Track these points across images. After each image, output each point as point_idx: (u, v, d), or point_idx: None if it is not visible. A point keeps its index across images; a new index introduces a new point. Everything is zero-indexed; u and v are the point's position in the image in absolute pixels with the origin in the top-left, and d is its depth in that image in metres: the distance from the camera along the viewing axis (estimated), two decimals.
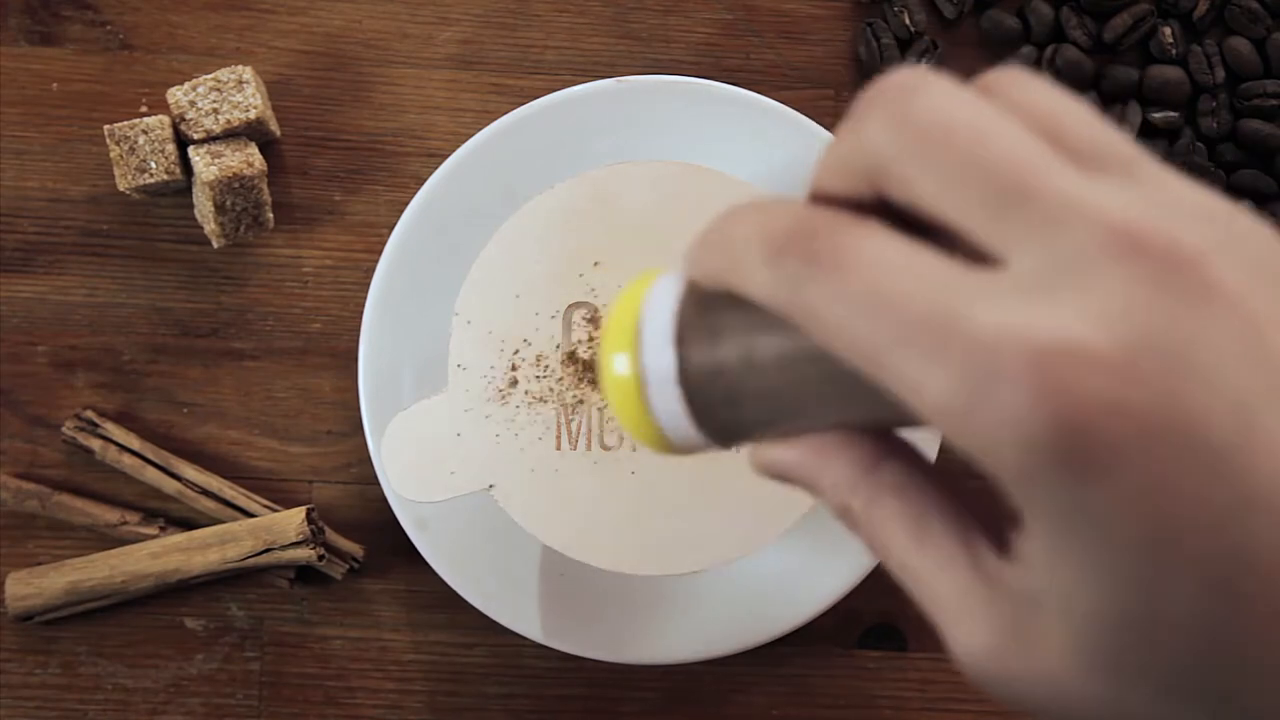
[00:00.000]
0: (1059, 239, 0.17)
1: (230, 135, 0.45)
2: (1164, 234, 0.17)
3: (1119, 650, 0.17)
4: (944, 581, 0.20)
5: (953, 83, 0.19)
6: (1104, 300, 0.17)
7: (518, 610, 0.44)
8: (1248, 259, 0.17)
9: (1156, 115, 0.48)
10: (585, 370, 0.43)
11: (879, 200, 0.20)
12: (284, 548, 0.44)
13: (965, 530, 0.20)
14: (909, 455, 0.21)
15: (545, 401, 0.43)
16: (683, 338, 0.22)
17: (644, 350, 0.22)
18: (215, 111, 0.45)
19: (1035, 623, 0.18)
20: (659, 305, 0.22)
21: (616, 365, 0.23)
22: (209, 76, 0.45)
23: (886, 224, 0.19)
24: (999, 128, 0.18)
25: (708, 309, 0.22)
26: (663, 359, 0.22)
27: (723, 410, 0.22)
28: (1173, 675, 0.17)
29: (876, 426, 0.21)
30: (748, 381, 0.21)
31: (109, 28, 0.48)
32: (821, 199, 0.20)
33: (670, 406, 0.22)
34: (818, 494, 0.22)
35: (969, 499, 0.21)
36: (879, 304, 0.18)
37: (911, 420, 0.19)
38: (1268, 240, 0.18)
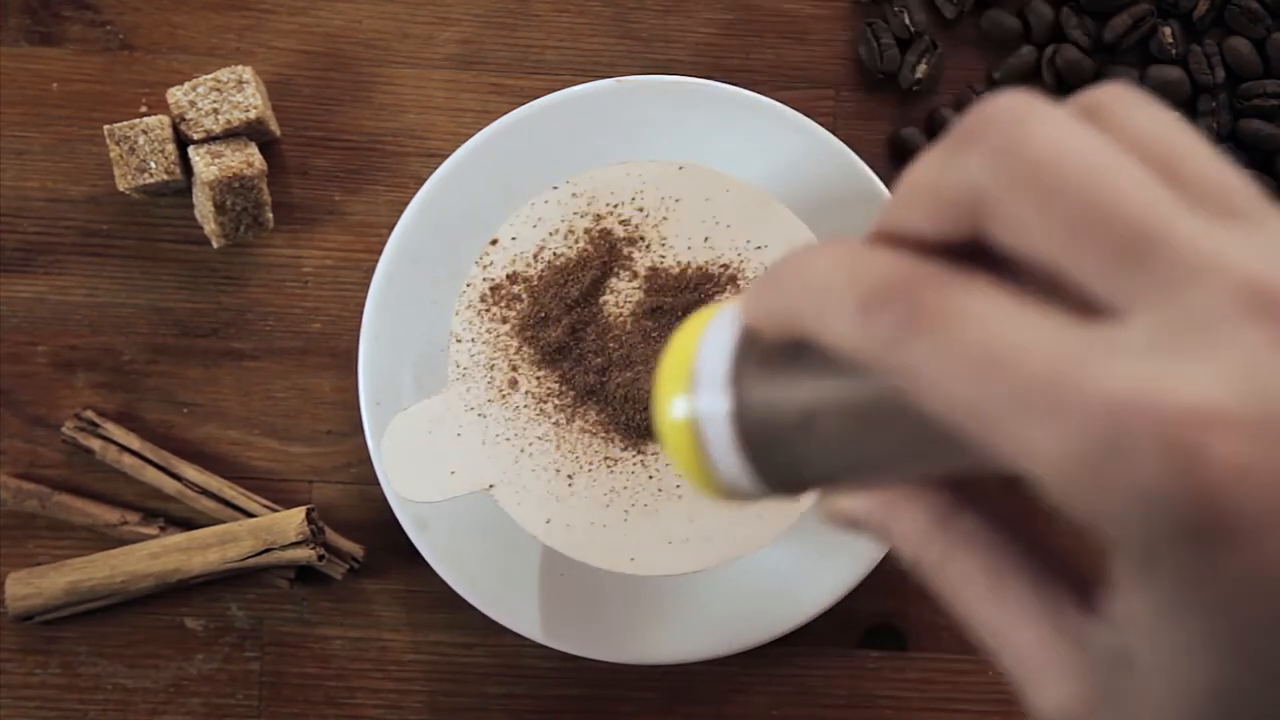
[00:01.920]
0: (1187, 295, 0.16)
1: (230, 135, 0.45)
2: None
3: None
4: (1025, 638, 0.19)
5: (1064, 112, 0.18)
6: (1238, 362, 0.16)
7: (518, 610, 0.44)
8: None
9: None
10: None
11: (969, 238, 0.18)
12: (284, 548, 0.44)
13: (1046, 585, 0.19)
14: (984, 505, 0.20)
15: (546, 402, 0.43)
16: (740, 383, 0.21)
17: (699, 396, 0.21)
18: (215, 111, 0.45)
19: (1128, 685, 0.18)
20: (716, 347, 0.21)
21: (673, 409, 0.21)
22: (209, 76, 0.45)
23: (989, 276, 0.18)
24: (1119, 167, 0.17)
25: (769, 354, 0.20)
26: (718, 405, 0.21)
27: (784, 461, 0.21)
28: None
29: (951, 476, 0.20)
30: (812, 434, 0.20)
31: (109, 28, 0.48)
32: (902, 235, 0.19)
33: (727, 455, 0.21)
34: (889, 544, 0.21)
35: (1049, 551, 0.20)
36: (990, 364, 0.17)
37: (995, 472, 0.18)
38: None
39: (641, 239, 0.44)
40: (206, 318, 0.47)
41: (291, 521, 0.44)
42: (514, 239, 0.44)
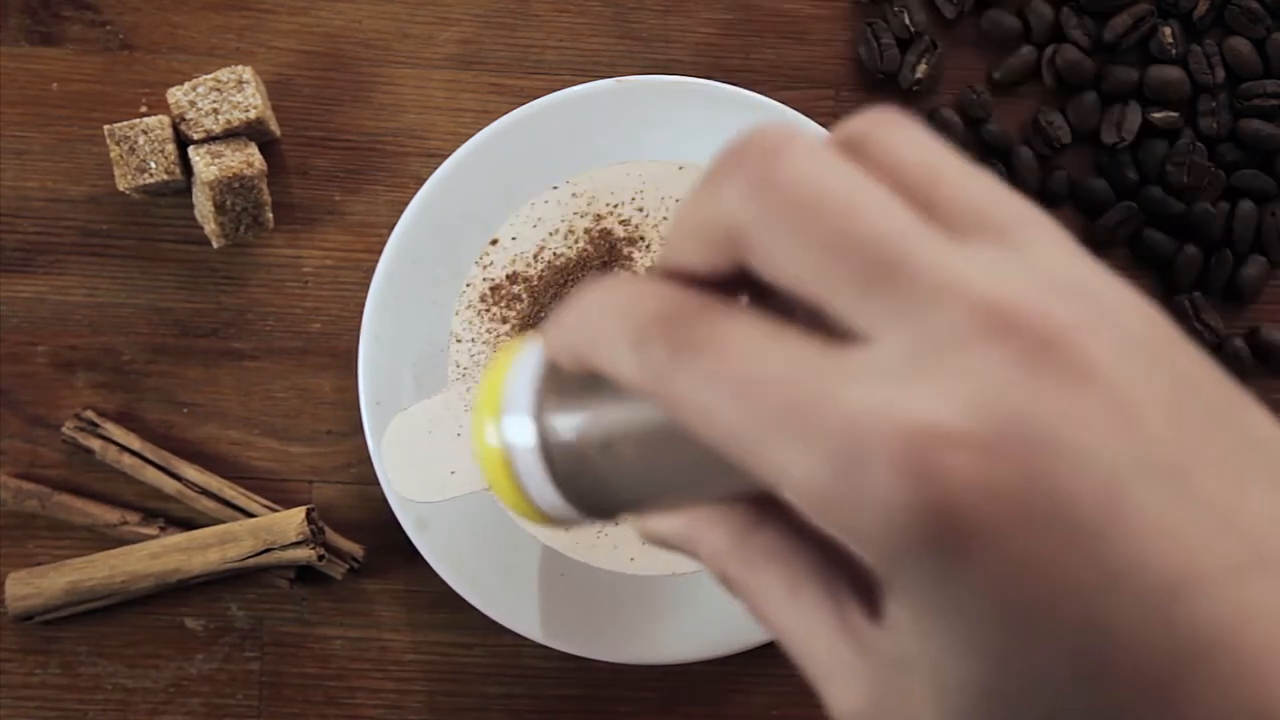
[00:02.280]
0: (926, 318, 0.17)
1: (230, 135, 0.45)
2: (1034, 311, 0.17)
3: (978, 717, 0.18)
4: (818, 644, 0.20)
5: (818, 144, 0.18)
6: (971, 381, 0.16)
7: (518, 610, 0.44)
8: (1120, 334, 0.17)
9: (1156, 115, 0.48)
10: None
11: (736, 271, 0.19)
12: (284, 548, 0.44)
13: (837, 594, 0.20)
14: (784, 518, 0.21)
15: None
16: (543, 413, 0.21)
17: (506, 425, 0.21)
18: (215, 111, 0.45)
19: (905, 687, 0.18)
20: (521, 379, 0.22)
21: (486, 435, 0.22)
22: (209, 76, 0.45)
23: (750, 305, 0.18)
24: (866, 196, 0.18)
25: (566, 386, 0.21)
26: (525, 435, 0.21)
27: (590, 486, 0.21)
28: None
29: (748, 495, 0.21)
30: (611, 460, 0.21)
31: (109, 28, 0.48)
32: (677, 270, 0.20)
33: (538, 482, 0.21)
34: (699, 561, 0.22)
35: (845, 561, 0.20)
36: (744, 391, 0.17)
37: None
38: (1142, 314, 0.18)
39: (641, 239, 0.44)
40: (206, 318, 0.47)
41: (291, 521, 0.44)
42: (514, 239, 0.44)
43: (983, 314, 0.17)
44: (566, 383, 0.21)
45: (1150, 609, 0.16)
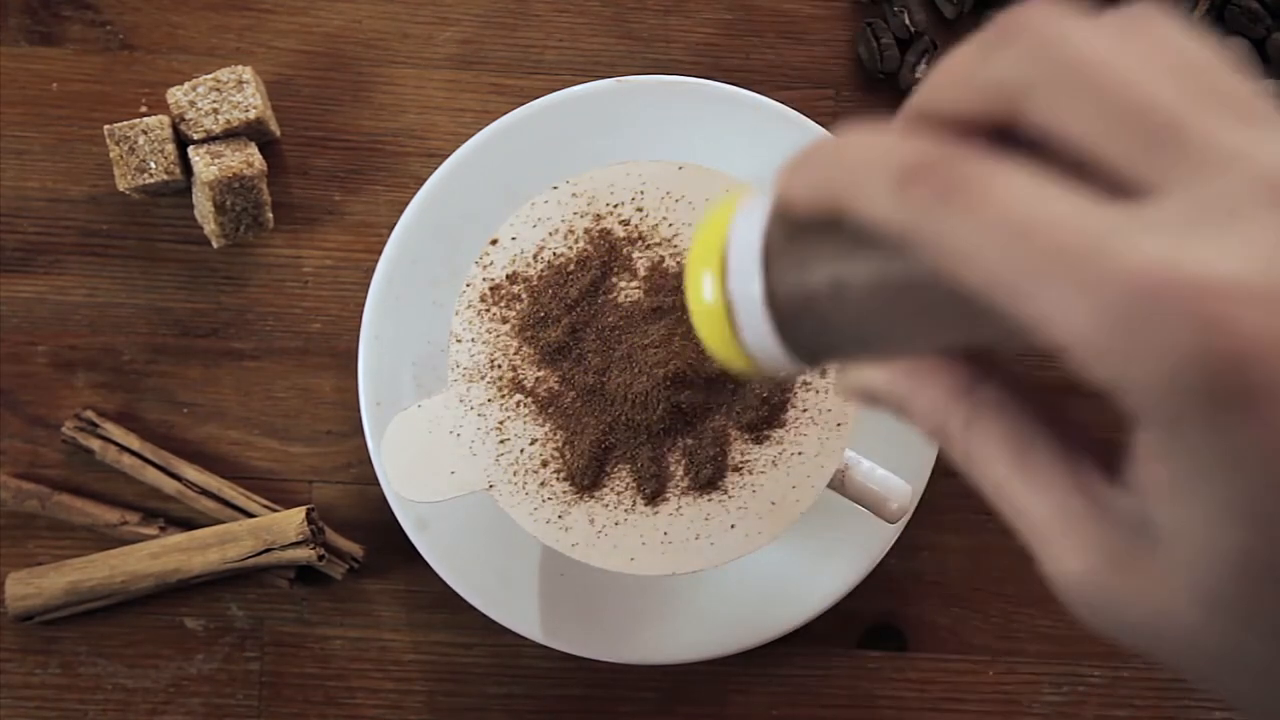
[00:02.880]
0: (1215, 180, 0.17)
1: (230, 135, 0.45)
2: None
3: (1237, 589, 0.17)
4: (1045, 503, 0.19)
5: (1094, 19, 0.19)
6: (1264, 243, 0.16)
7: (518, 610, 0.44)
8: None
9: None
10: None
11: (1001, 122, 0.19)
12: (284, 548, 0.44)
13: (1071, 452, 0.20)
14: (1007, 377, 0.21)
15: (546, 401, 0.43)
16: (772, 261, 0.22)
17: (731, 274, 0.22)
18: (215, 111, 0.45)
19: (1146, 552, 0.18)
20: (747, 228, 0.22)
21: (705, 288, 0.23)
22: (209, 76, 0.45)
23: (1020, 156, 0.19)
24: (1152, 68, 0.18)
25: (799, 232, 0.22)
26: (752, 284, 0.22)
27: (812, 334, 0.22)
28: None
29: (972, 350, 0.21)
30: (840, 307, 0.21)
31: (109, 28, 0.48)
32: (934, 113, 0.20)
33: (758, 330, 0.22)
34: (910, 417, 0.22)
35: (1069, 426, 0.20)
36: (1020, 235, 0.17)
37: (1016, 345, 0.19)
38: None
39: (641, 239, 0.44)
40: (206, 318, 0.47)
41: (291, 521, 0.44)
42: (514, 239, 0.44)
43: (1271, 182, 0.17)
44: (797, 228, 0.22)
45: None
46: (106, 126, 0.45)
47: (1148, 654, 0.20)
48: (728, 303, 0.22)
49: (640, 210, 0.44)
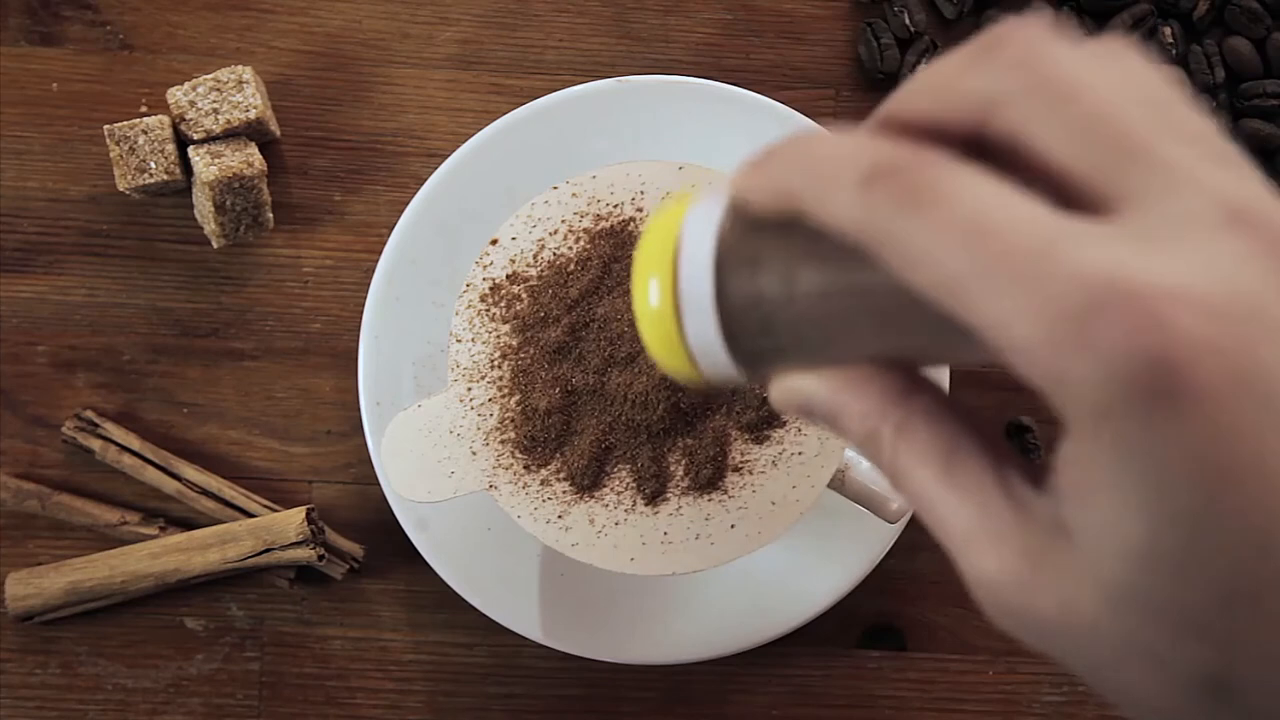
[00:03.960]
0: (1175, 200, 0.18)
1: (230, 135, 0.45)
2: (1273, 214, 0.18)
3: (1147, 586, 0.18)
4: (970, 505, 0.20)
5: (1076, 44, 0.20)
6: (1207, 259, 0.17)
7: (518, 610, 0.44)
8: None
9: None
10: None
11: (970, 133, 0.20)
12: (284, 548, 0.44)
13: (998, 460, 0.20)
14: (935, 390, 0.22)
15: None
16: (722, 261, 0.22)
17: (683, 275, 0.22)
18: (215, 111, 0.45)
19: (1062, 553, 0.19)
20: (699, 229, 0.22)
21: (651, 290, 0.23)
22: (209, 76, 0.45)
23: (982, 164, 0.19)
24: (1123, 94, 0.19)
25: (752, 234, 0.22)
26: (703, 285, 0.22)
27: (756, 337, 0.22)
28: (1194, 615, 0.18)
29: (904, 362, 0.22)
30: (788, 308, 0.21)
31: (109, 28, 0.48)
32: (905, 118, 0.21)
33: (705, 333, 0.22)
34: (843, 422, 0.22)
35: (994, 439, 0.21)
36: (974, 237, 0.18)
37: (949, 358, 0.20)
38: None
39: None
40: (206, 318, 0.47)
41: (291, 521, 0.44)
42: (514, 239, 0.44)
43: (1227, 208, 0.18)
44: (750, 230, 0.22)
45: None
46: (106, 126, 0.45)
47: (1050, 653, 0.20)
48: (675, 302, 0.22)
49: (640, 210, 0.44)
